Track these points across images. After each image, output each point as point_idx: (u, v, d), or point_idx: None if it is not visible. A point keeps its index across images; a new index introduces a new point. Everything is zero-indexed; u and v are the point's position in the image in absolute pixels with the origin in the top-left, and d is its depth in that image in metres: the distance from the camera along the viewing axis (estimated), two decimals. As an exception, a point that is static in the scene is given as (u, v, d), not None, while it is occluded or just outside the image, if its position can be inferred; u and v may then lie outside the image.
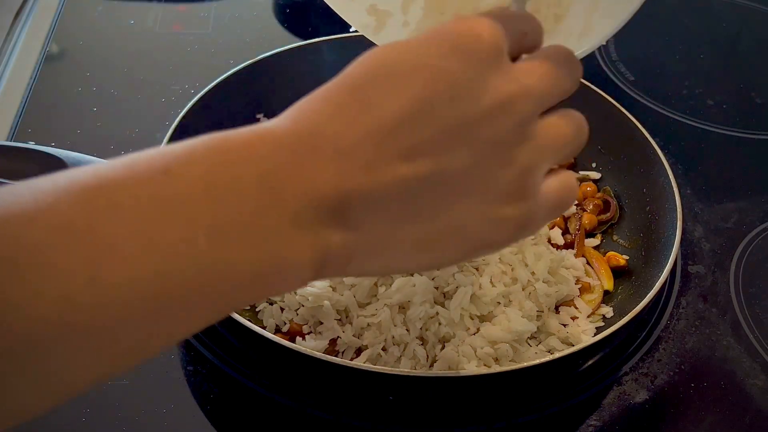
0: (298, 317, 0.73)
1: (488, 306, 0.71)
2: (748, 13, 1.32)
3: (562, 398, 0.73)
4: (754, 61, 1.22)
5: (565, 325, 0.75)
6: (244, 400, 0.71)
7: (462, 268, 0.73)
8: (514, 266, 0.75)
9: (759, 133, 1.07)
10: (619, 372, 0.76)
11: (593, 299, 0.78)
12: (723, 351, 0.78)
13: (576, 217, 0.86)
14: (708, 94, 1.12)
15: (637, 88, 1.12)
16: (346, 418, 0.69)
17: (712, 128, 1.06)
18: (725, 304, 0.83)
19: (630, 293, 0.78)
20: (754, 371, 0.77)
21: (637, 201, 0.86)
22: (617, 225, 0.87)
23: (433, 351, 0.70)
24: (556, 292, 0.76)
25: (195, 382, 0.72)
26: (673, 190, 0.79)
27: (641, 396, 0.74)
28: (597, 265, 0.82)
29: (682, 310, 0.82)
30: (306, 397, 0.70)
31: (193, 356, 0.74)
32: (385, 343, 0.70)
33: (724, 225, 0.92)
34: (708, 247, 0.89)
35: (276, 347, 0.63)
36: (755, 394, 0.75)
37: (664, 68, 1.18)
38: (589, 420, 0.71)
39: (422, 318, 0.70)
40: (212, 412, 0.70)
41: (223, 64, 0.92)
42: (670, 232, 0.76)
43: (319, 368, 0.64)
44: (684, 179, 0.97)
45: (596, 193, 0.89)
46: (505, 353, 0.69)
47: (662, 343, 0.79)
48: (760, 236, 0.91)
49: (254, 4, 1.24)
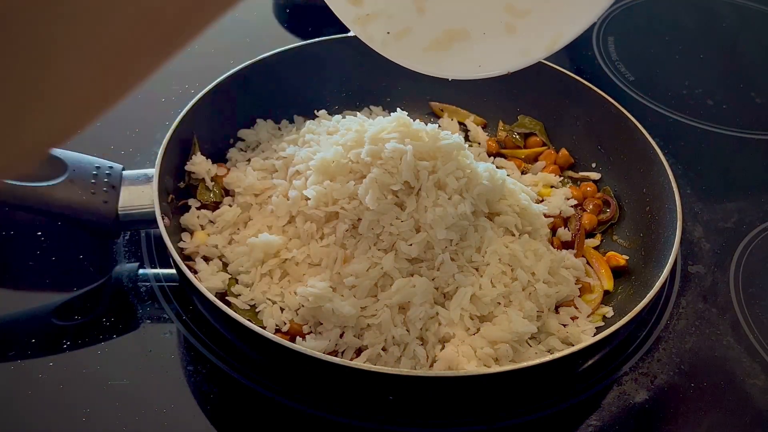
0: (298, 317, 0.73)
1: (488, 306, 0.72)
2: (748, 13, 1.32)
3: (562, 398, 0.73)
4: (754, 61, 1.22)
5: (565, 325, 0.75)
6: (244, 400, 0.71)
7: (462, 269, 0.73)
8: (514, 267, 0.75)
9: (759, 133, 1.07)
10: (619, 372, 0.76)
11: (593, 299, 0.78)
12: (723, 351, 0.78)
13: (576, 217, 0.86)
14: (708, 94, 1.12)
15: (637, 88, 1.12)
16: (346, 418, 0.70)
17: (712, 128, 1.06)
18: (725, 304, 0.83)
19: (630, 293, 0.78)
20: (754, 371, 0.77)
21: (637, 201, 0.86)
22: (617, 225, 0.87)
23: (433, 351, 0.70)
24: (556, 293, 0.76)
25: (195, 382, 0.72)
26: (673, 190, 0.79)
27: (641, 396, 0.74)
28: (597, 265, 0.82)
29: (682, 310, 0.82)
30: (306, 397, 0.70)
31: (193, 356, 0.74)
32: (385, 343, 0.70)
33: (724, 225, 0.92)
34: (708, 247, 0.89)
35: (276, 347, 0.63)
36: (755, 394, 0.75)
37: (664, 68, 1.18)
38: (589, 420, 0.71)
39: (422, 318, 0.70)
40: (212, 412, 0.70)
41: (223, 65, 0.92)
42: (670, 232, 0.76)
43: (319, 368, 0.64)
44: (684, 179, 0.97)
45: (596, 193, 0.89)
46: (505, 353, 0.69)
47: (662, 343, 0.79)
48: (760, 236, 0.91)
49: (254, 4, 1.24)
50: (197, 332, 0.75)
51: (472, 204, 0.74)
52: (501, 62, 0.72)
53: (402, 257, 0.72)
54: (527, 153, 0.94)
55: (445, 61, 0.72)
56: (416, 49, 0.72)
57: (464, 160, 0.76)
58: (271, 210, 0.77)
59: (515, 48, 0.71)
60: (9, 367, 0.71)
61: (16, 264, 0.82)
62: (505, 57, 0.71)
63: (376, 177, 0.72)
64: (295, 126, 0.93)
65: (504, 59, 0.72)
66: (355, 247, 0.73)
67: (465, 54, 0.72)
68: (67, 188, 0.75)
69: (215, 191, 0.84)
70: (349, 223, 0.73)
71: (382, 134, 0.75)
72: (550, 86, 0.93)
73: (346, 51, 0.90)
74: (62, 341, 0.73)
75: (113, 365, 0.72)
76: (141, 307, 0.78)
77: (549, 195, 0.89)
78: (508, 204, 0.78)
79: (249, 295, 0.74)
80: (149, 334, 0.76)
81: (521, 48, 0.70)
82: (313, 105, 0.94)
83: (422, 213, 0.72)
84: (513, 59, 0.71)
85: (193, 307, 0.77)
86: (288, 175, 0.79)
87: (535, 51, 0.70)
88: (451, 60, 0.72)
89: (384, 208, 0.72)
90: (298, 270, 0.74)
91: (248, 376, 0.72)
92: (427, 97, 1.00)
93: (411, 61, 0.72)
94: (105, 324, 0.76)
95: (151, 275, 0.81)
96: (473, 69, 0.72)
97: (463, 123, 0.98)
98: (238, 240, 0.78)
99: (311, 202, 0.74)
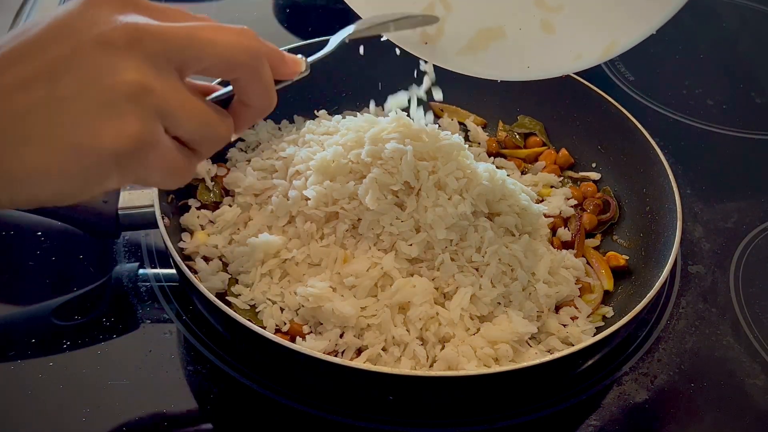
0: (298, 317, 0.73)
1: (488, 306, 0.72)
2: (748, 13, 1.32)
3: (562, 398, 0.73)
4: (754, 61, 1.22)
5: (565, 326, 0.75)
6: (244, 400, 0.71)
7: (462, 269, 0.73)
8: (514, 267, 0.75)
9: (759, 133, 1.07)
10: (619, 372, 0.76)
11: (593, 299, 0.78)
12: (723, 351, 0.78)
13: (576, 217, 0.86)
14: (708, 94, 1.12)
15: (637, 88, 1.12)
16: (346, 418, 0.70)
17: (712, 128, 1.06)
18: (725, 304, 0.83)
19: (630, 293, 0.78)
20: (754, 371, 0.77)
21: (637, 201, 0.86)
22: (617, 225, 0.87)
23: (433, 351, 0.70)
24: (556, 293, 0.76)
25: (195, 382, 0.72)
26: (673, 190, 0.79)
27: (641, 396, 0.74)
28: (597, 265, 0.82)
29: (682, 310, 0.82)
30: (306, 397, 0.70)
31: (193, 356, 0.74)
32: (385, 343, 0.70)
33: (724, 225, 0.92)
34: (708, 247, 0.89)
35: (276, 347, 0.63)
36: (755, 394, 0.75)
37: (664, 68, 1.18)
38: (589, 420, 0.71)
39: (422, 318, 0.70)
40: (212, 412, 0.70)
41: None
42: (670, 232, 0.76)
43: (319, 368, 0.64)
44: (684, 179, 0.97)
45: (596, 193, 0.89)
46: (505, 353, 0.69)
47: (662, 343, 0.79)
48: (760, 236, 0.91)
49: (254, 4, 1.24)
50: (197, 332, 0.75)
51: (472, 204, 0.74)
52: (552, 65, 0.72)
53: (402, 257, 0.72)
54: (527, 153, 0.94)
55: (489, 62, 0.72)
56: (453, 50, 0.73)
57: (464, 161, 0.76)
58: (271, 210, 0.77)
59: (568, 51, 0.71)
60: (9, 367, 0.71)
61: (16, 264, 0.82)
62: (556, 59, 0.71)
63: (376, 177, 0.72)
64: (295, 126, 0.93)
65: (555, 62, 0.72)
66: (355, 247, 0.73)
67: (510, 54, 0.72)
68: (67, 188, 0.75)
69: (215, 191, 0.84)
70: (349, 223, 0.73)
71: (382, 134, 0.75)
72: (550, 86, 0.92)
73: (346, 51, 0.90)
74: (62, 341, 0.73)
75: (113, 365, 0.72)
76: (141, 307, 0.78)
77: (549, 195, 0.89)
78: (508, 204, 0.78)
79: (249, 295, 0.74)
80: (149, 334, 0.76)
81: (575, 52, 0.70)
82: (313, 105, 0.94)
83: (422, 213, 0.72)
84: (568, 63, 0.71)
85: (193, 307, 0.77)
86: (288, 175, 0.79)
87: (588, 56, 0.70)
88: (495, 60, 0.72)
89: (384, 208, 0.72)
90: (298, 270, 0.74)
91: (248, 376, 0.72)
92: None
93: (451, 63, 0.73)
94: (105, 324, 0.76)
95: (151, 275, 0.81)
96: (521, 70, 0.72)
97: (463, 123, 0.98)
98: (238, 240, 0.78)
99: (311, 202, 0.74)
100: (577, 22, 0.70)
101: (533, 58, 0.72)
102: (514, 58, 0.73)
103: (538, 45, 0.72)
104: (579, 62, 0.71)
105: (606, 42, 0.69)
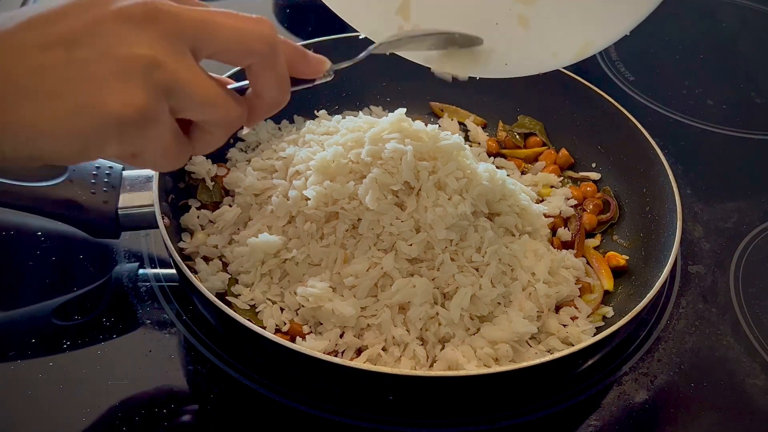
0: (298, 317, 0.73)
1: (488, 306, 0.72)
2: (748, 13, 1.32)
3: (562, 398, 0.73)
4: (754, 61, 1.22)
5: (565, 326, 0.75)
6: (244, 400, 0.71)
7: (462, 269, 0.73)
8: (514, 267, 0.75)
9: (759, 133, 1.07)
10: (619, 372, 0.76)
11: (593, 299, 0.78)
12: (723, 351, 0.78)
13: (576, 217, 0.86)
14: (708, 94, 1.12)
15: (637, 88, 1.12)
16: (346, 418, 0.70)
17: (712, 128, 1.06)
18: (725, 304, 0.83)
19: (630, 293, 0.78)
20: (754, 371, 0.77)
21: (637, 201, 0.86)
22: (617, 225, 0.87)
23: (433, 351, 0.70)
24: (556, 293, 0.76)
25: (195, 382, 0.72)
26: (673, 190, 0.79)
27: (641, 396, 0.74)
28: (597, 265, 0.82)
29: (682, 310, 0.82)
30: (306, 397, 0.70)
31: (193, 356, 0.74)
32: (385, 343, 0.70)
33: (724, 225, 0.92)
34: (708, 247, 0.89)
35: (276, 347, 0.63)
36: (755, 394, 0.75)
37: (664, 68, 1.18)
38: (589, 420, 0.71)
39: (422, 318, 0.70)
40: (212, 412, 0.70)
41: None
42: (670, 232, 0.76)
43: (319, 368, 0.64)
44: (684, 179, 0.97)
45: (596, 193, 0.89)
46: (505, 353, 0.69)
47: (662, 343, 0.79)
48: (760, 236, 0.91)
49: (254, 4, 1.24)
50: (197, 332, 0.75)
51: (472, 204, 0.74)
52: (529, 63, 0.72)
53: (402, 257, 0.72)
54: (527, 153, 0.94)
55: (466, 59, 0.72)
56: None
57: (464, 161, 0.76)
58: (271, 210, 0.77)
59: (545, 49, 0.71)
60: (9, 367, 0.71)
61: (16, 264, 0.82)
62: (534, 57, 0.72)
63: (376, 177, 0.72)
64: (295, 126, 0.93)
65: (533, 60, 0.72)
66: (355, 247, 0.73)
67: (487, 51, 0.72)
68: (67, 188, 0.75)
69: (215, 191, 0.84)
70: (349, 223, 0.73)
71: (383, 134, 0.75)
72: (550, 86, 0.93)
73: (346, 51, 0.90)
74: (62, 341, 0.73)
75: (113, 365, 0.72)
76: (141, 307, 0.78)
77: (549, 195, 0.89)
78: (508, 204, 0.78)
79: (249, 295, 0.74)
80: (149, 334, 0.76)
81: (551, 50, 0.71)
82: (313, 105, 0.94)
83: (422, 213, 0.72)
84: (544, 61, 0.71)
85: (193, 307, 0.77)
86: (288, 175, 0.79)
87: (563, 54, 0.70)
88: (473, 57, 0.72)
89: (384, 208, 0.72)
90: (298, 270, 0.74)
91: (248, 376, 0.72)
92: (427, 97, 1.00)
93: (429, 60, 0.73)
94: (105, 324, 0.76)
95: (151, 275, 0.81)
96: (499, 67, 0.72)
97: (463, 123, 0.98)
98: (238, 240, 0.78)
99: (311, 202, 0.74)
100: (552, 18, 0.70)
101: (511, 56, 0.72)
102: (491, 56, 0.73)
103: (515, 42, 0.72)
104: (555, 60, 0.71)
105: (581, 41, 0.69)
